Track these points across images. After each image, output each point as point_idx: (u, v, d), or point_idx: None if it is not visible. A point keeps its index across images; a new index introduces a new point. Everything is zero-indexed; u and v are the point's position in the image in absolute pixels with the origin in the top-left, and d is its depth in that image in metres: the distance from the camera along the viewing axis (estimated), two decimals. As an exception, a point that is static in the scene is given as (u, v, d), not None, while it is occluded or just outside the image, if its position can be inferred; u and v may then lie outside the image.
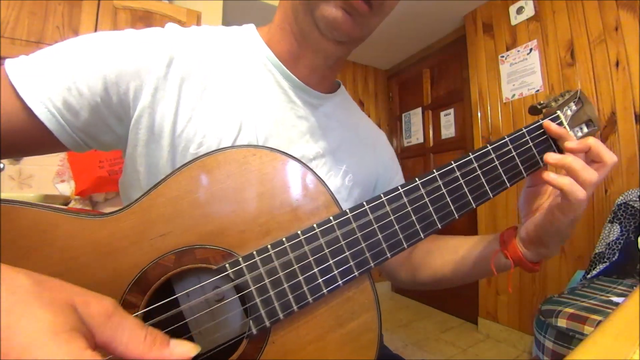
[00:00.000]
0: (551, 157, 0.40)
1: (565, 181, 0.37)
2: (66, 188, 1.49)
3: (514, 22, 1.97)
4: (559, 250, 0.44)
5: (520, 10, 1.93)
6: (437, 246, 0.54)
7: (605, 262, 1.31)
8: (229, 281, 0.32)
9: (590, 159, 0.39)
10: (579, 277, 1.41)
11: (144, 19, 1.60)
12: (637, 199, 1.33)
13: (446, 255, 0.53)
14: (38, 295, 0.20)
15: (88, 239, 0.29)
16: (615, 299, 1.03)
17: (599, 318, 0.89)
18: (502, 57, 2.03)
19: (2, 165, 1.36)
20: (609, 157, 0.38)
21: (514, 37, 1.98)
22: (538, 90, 1.83)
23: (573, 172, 0.37)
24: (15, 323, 0.18)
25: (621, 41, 1.52)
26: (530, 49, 1.88)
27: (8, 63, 0.35)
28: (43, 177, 1.51)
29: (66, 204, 1.46)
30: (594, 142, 0.39)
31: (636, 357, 0.24)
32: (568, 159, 0.38)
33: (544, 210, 0.41)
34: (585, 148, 0.39)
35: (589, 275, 1.34)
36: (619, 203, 1.38)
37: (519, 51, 1.94)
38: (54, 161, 1.50)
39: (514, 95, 1.96)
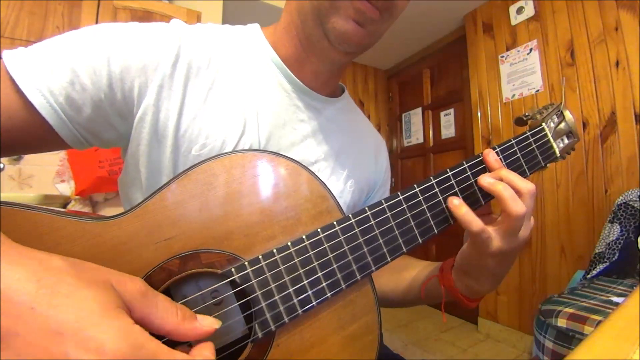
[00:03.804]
0: (484, 180, 0.38)
1: (462, 211, 0.36)
2: (66, 188, 1.49)
3: (514, 22, 1.97)
4: (492, 289, 0.41)
5: (520, 10, 1.93)
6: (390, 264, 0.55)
7: (605, 262, 1.31)
8: (228, 287, 0.32)
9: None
10: (579, 277, 1.41)
11: (144, 19, 1.59)
12: (637, 199, 1.33)
13: (392, 273, 0.53)
14: (78, 276, 0.21)
15: (90, 243, 0.28)
16: (615, 299, 1.03)
17: (599, 318, 0.90)
18: (502, 57, 2.03)
19: (2, 165, 1.35)
20: (512, 209, 0.35)
21: (514, 37, 1.98)
22: (538, 90, 1.84)
23: (500, 201, 0.36)
24: (63, 302, 0.19)
25: (621, 41, 1.52)
26: (530, 49, 1.88)
27: (7, 56, 0.33)
28: (43, 177, 1.51)
29: (66, 204, 1.46)
30: (501, 189, 0.36)
31: (636, 357, 0.24)
32: (499, 186, 0.36)
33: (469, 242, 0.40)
34: (493, 192, 0.37)
35: (589, 275, 1.34)
36: (619, 203, 1.38)
37: (519, 51, 1.94)
38: (54, 161, 1.50)
39: (514, 95, 1.96)
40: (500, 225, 0.37)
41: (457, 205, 0.37)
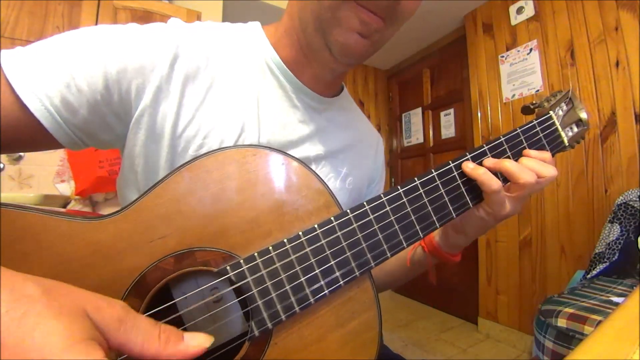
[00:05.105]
0: (466, 166, 0.40)
1: (479, 171, 0.39)
2: (66, 188, 1.49)
3: (514, 22, 1.96)
4: (474, 239, 0.47)
5: (520, 10, 1.93)
6: None
7: (605, 262, 1.31)
8: (228, 284, 0.31)
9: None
10: (579, 277, 1.41)
11: (144, 18, 1.59)
12: (637, 199, 1.33)
13: None
14: (49, 305, 0.19)
15: (85, 241, 0.28)
16: (615, 299, 1.03)
17: (599, 318, 0.89)
18: (502, 57, 2.03)
19: (2, 165, 1.35)
20: (522, 180, 0.39)
21: (514, 37, 1.98)
22: (538, 90, 1.83)
23: (510, 176, 0.40)
24: (28, 335, 0.18)
25: (621, 41, 1.51)
26: (530, 49, 1.88)
27: (4, 56, 0.33)
28: (43, 177, 1.51)
29: (66, 204, 1.46)
30: (482, 173, 0.39)
31: (636, 357, 0.24)
32: (479, 171, 0.39)
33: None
34: (475, 177, 0.40)
35: (589, 275, 1.34)
36: (619, 203, 1.38)
37: (519, 51, 1.94)
38: (54, 161, 1.50)
39: (514, 95, 1.96)
40: (511, 193, 0.41)
41: (473, 167, 0.39)
